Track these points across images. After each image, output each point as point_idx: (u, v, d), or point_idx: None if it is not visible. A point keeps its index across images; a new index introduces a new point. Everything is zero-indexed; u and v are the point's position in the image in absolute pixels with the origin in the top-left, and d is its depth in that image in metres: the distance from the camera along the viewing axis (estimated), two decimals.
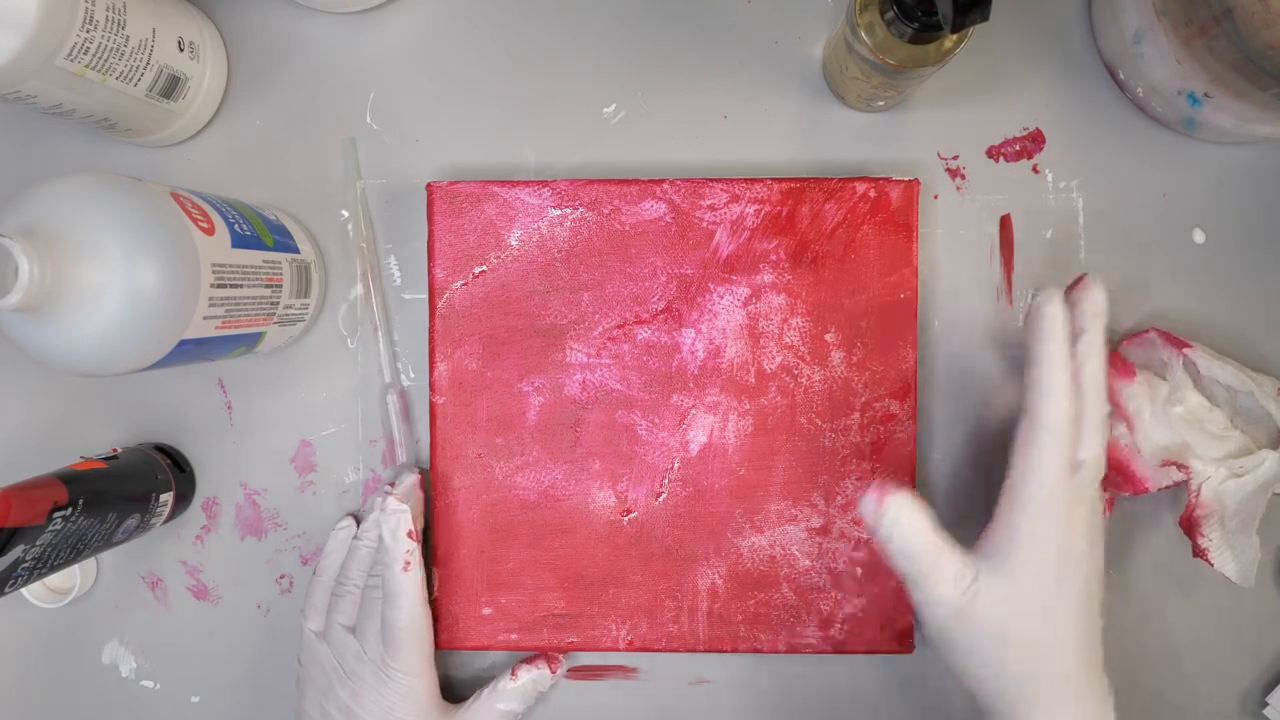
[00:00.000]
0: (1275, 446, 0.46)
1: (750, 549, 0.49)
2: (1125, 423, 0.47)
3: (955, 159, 0.51)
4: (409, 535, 0.46)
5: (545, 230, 0.49)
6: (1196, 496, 0.45)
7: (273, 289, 0.46)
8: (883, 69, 0.42)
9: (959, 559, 0.39)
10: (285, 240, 0.48)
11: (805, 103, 0.51)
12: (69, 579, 0.53)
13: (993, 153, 0.51)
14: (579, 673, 0.52)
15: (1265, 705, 0.50)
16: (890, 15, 0.40)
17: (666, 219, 0.49)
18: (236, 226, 0.44)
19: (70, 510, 0.42)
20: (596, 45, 0.51)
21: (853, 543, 0.49)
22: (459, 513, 0.50)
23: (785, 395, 0.49)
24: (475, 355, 0.50)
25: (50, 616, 0.53)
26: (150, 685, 0.53)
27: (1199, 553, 0.46)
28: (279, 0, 0.51)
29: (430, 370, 0.50)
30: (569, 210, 0.49)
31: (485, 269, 0.49)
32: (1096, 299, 0.40)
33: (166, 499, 0.49)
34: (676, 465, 0.49)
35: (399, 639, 0.46)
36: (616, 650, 0.50)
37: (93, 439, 0.53)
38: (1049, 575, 0.39)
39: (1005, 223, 0.51)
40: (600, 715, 0.52)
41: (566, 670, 0.51)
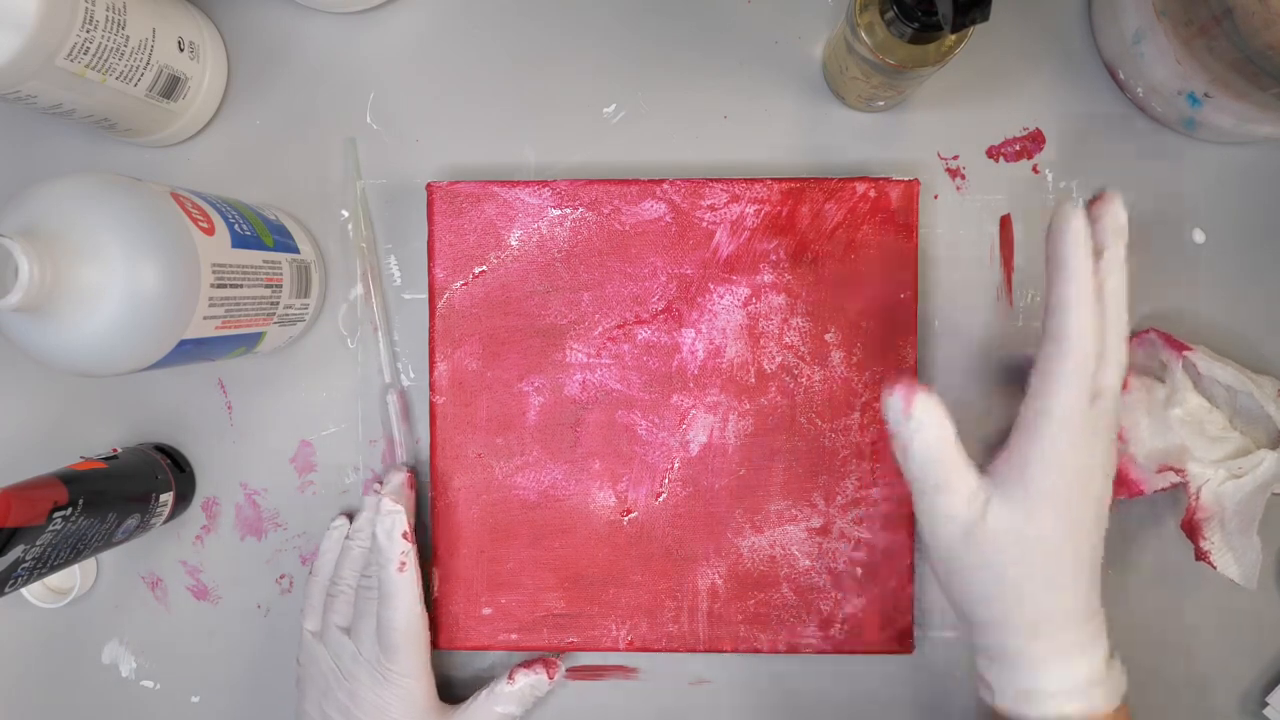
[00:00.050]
0: (1274, 447, 0.46)
1: (750, 549, 0.49)
2: (1118, 436, 0.46)
3: (955, 159, 0.51)
4: (404, 536, 0.46)
5: (545, 230, 0.49)
6: (1196, 500, 0.45)
7: (273, 289, 0.46)
8: (883, 69, 0.42)
9: (975, 477, 0.38)
10: (285, 240, 0.48)
11: (805, 103, 0.51)
12: (69, 579, 0.53)
13: (993, 153, 0.51)
14: (579, 673, 0.52)
15: (1265, 705, 0.50)
16: (890, 15, 0.40)
17: (666, 219, 0.49)
18: (236, 226, 0.44)
19: (70, 510, 0.42)
20: (596, 45, 0.51)
21: (853, 543, 0.49)
22: (459, 513, 0.50)
23: (785, 395, 0.49)
24: (475, 355, 0.50)
25: (50, 616, 0.53)
26: (150, 685, 0.53)
27: (1201, 556, 0.46)
28: (279, 0, 0.51)
29: (430, 370, 0.50)
30: (569, 210, 0.49)
31: (485, 269, 0.49)
32: (1118, 214, 0.37)
33: (166, 499, 0.49)
34: (676, 465, 0.49)
35: (395, 641, 0.46)
36: (616, 650, 0.50)
37: (93, 439, 0.53)
38: (1061, 503, 0.37)
39: (1005, 223, 0.50)
40: (600, 715, 0.52)
41: (565, 672, 0.51)
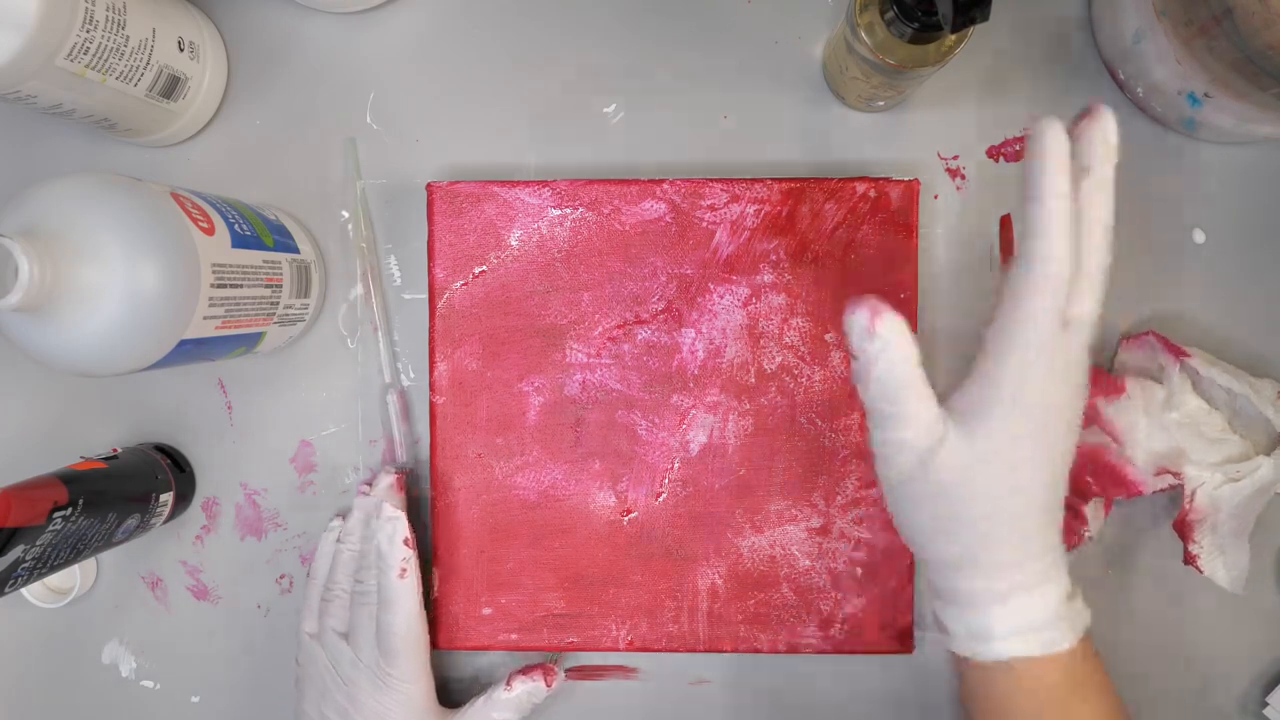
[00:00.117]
0: (1271, 451, 0.46)
1: (750, 549, 0.49)
2: (1114, 439, 0.46)
3: (955, 159, 0.51)
4: (405, 542, 0.46)
5: (545, 230, 0.49)
6: (1191, 501, 0.45)
7: (273, 289, 0.46)
8: (883, 69, 0.42)
9: (935, 406, 0.36)
10: (285, 240, 0.48)
11: (805, 103, 0.51)
12: (69, 579, 0.53)
13: (993, 153, 0.51)
14: (579, 673, 0.52)
15: (1265, 705, 0.50)
16: (890, 15, 0.40)
17: (666, 219, 0.49)
18: (236, 226, 0.44)
19: (70, 510, 0.42)
20: (596, 45, 0.51)
21: (853, 543, 0.49)
22: (459, 513, 0.50)
23: (785, 395, 0.49)
24: (475, 355, 0.50)
25: (50, 616, 0.53)
26: (150, 685, 0.53)
27: (1189, 559, 0.46)
28: (279, 0, 0.51)
29: (430, 370, 0.50)
30: (569, 210, 0.49)
31: (485, 269, 0.49)
32: (1108, 132, 0.34)
33: (166, 499, 0.49)
34: (676, 465, 0.49)
35: (395, 646, 0.46)
36: (616, 650, 0.50)
37: (93, 439, 0.53)
38: (1023, 433, 0.35)
39: (1005, 223, 0.50)
40: (600, 715, 0.52)
41: (565, 673, 0.51)
